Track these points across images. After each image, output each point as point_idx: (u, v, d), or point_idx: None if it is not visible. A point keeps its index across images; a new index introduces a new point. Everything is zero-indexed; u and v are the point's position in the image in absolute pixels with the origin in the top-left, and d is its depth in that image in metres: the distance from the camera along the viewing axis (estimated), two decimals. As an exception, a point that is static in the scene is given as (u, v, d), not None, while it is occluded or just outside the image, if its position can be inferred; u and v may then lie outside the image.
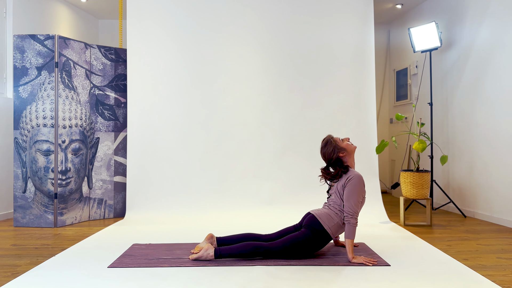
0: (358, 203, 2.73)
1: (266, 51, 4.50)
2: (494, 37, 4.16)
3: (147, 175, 4.34)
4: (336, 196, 2.81)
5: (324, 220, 2.75)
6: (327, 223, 2.75)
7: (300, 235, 2.73)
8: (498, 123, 4.08)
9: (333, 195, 2.85)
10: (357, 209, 2.72)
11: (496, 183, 4.11)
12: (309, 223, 2.77)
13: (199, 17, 4.47)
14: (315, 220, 2.76)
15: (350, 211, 2.70)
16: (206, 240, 2.86)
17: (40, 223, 3.95)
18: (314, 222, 2.75)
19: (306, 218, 2.82)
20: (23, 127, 3.96)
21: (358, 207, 2.72)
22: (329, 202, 2.86)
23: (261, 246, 2.68)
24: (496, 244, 3.23)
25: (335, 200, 2.81)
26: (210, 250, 2.68)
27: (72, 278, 2.39)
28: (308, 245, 2.72)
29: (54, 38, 3.98)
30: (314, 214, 2.79)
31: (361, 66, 4.53)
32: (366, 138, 4.48)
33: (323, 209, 2.84)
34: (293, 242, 2.71)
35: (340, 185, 2.80)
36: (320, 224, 2.74)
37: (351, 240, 2.68)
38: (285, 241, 2.71)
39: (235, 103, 4.46)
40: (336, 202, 2.80)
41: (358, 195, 2.73)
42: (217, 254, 2.66)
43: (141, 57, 4.41)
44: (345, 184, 2.77)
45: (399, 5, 5.69)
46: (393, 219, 4.25)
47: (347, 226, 2.70)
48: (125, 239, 3.32)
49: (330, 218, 2.76)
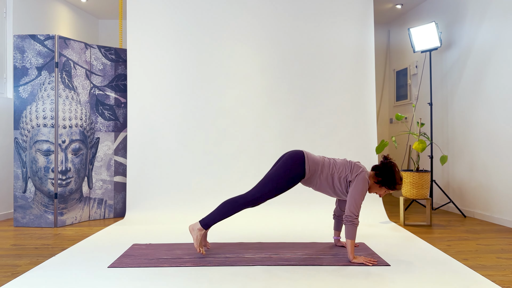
0: (361, 204, 2.72)
1: (266, 51, 4.50)
2: (494, 37, 4.17)
3: (147, 175, 4.34)
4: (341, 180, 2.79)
5: (309, 161, 2.74)
6: (310, 164, 2.74)
7: (273, 172, 2.74)
8: (498, 123, 4.08)
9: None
10: (359, 210, 2.72)
11: (496, 183, 4.11)
12: (289, 156, 2.77)
13: (199, 17, 4.47)
14: (300, 154, 2.76)
15: (355, 211, 2.67)
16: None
17: (40, 223, 3.95)
18: (297, 155, 2.75)
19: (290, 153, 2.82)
20: (23, 127, 3.96)
21: (360, 208, 2.72)
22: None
23: (238, 198, 2.72)
24: (496, 244, 3.23)
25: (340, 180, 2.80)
26: (195, 226, 2.75)
27: (72, 278, 2.39)
28: (281, 177, 2.71)
29: (54, 38, 3.98)
30: (303, 152, 2.78)
31: (361, 66, 4.54)
32: (366, 138, 4.48)
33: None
34: (267, 179, 2.72)
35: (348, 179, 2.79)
36: (304, 161, 2.73)
37: (352, 241, 2.67)
38: (260, 183, 2.73)
39: (235, 103, 4.46)
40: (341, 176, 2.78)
41: (362, 196, 2.71)
42: (203, 224, 2.72)
43: (141, 57, 4.41)
44: (354, 176, 2.74)
45: (399, 5, 5.69)
46: (393, 219, 4.25)
47: (350, 226, 2.67)
48: (125, 239, 3.32)
49: (316, 164, 2.76)
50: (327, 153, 4.38)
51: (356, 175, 2.73)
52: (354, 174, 2.75)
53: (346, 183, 2.77)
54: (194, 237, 2.76)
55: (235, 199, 2.74)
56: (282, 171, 2.73)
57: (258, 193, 2.72)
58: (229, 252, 2.89)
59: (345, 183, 2.77)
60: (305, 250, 2.95)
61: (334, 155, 4.35)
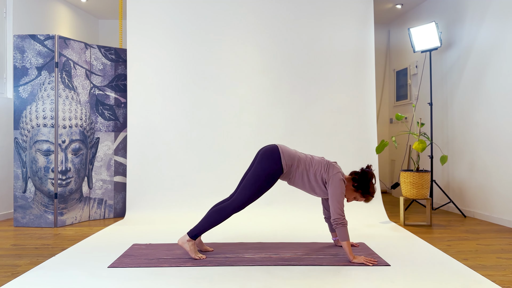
0: (343, 203, 2.70)
1: (266, 51, 4.50)
2: (494, 37, 4.16)
3: (147, 175, 4.34)
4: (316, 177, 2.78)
5: (285, 155, 2.73)
6: (286, 158, 2.72)
7: (252, 173, 2.72)
8: (498, 123, 4.08)
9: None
10: (343, 209, 2.69)
11: (496, 183, 4.11)
12: (264, 152, 2.75)
13: (199, 17, 4.47)
14: (275, 148, 2.74)
15: (340, 212, 2.66)
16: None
17: (40, 223, 3.95)
18: (271, 150, 2.74)
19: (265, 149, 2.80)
20: (23, 127, 3.96)
21: (343, 207, 2.70)
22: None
23: (225, 206, 2.71)
24: (496, 244, 3.23)
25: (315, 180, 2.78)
26: (184, 238, 2.74)
27: (72, 278, 2.39)
28: (260, 177, 2.70)
29: (54, 38, 3.98)
30: (278, 147, 2.76)
31: (361, 66, 4.54)
32: (366, 138, 4.48)
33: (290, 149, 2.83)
34: (249, 183, 2.70)
35: (323, 178, 2.77)
36: (279, 156, 2.71)
37: (347, 242, 2.66)
38: (242, 187, 2.72)
39: (235, 103, 4.46)
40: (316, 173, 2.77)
41: (342, 195, 2.70)
42: (191, 235, 2.71)
43: (141, 57, 4.41)
44: (329, 177, 2.72)
45: (399, 5, 5.69)
46: (393, 219, 4.25)
47: (341, 228, 2.64)
48: (125, 239, 3.32)
49: (292, 158, 2.74)
50: (327, 153, 4.38)
51: (332, 175, 2.71)
52: (330, 173, 2.72)
53: (321, 180, 2.75)
54: (186, 249, 2.74)
55: (221, 207, 2.72)
56: (260, 170, 2.71)
57: (243, 199, 2.70)
58: (229, 252, 2.89)
59: (321, 181, 2.75)
60: (305, 250, 2.95)
61: (334, 155, 4.35)
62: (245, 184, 2.72)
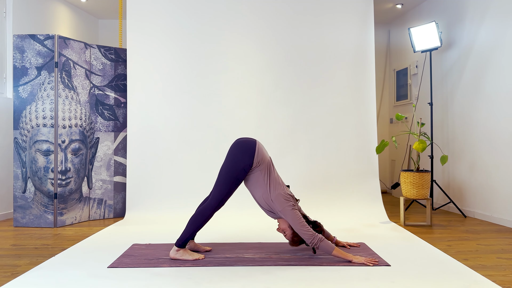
0: (302, 220, 2.64)
1: (266, 51, 4.50)
2: (494, 37, 4.16)
3: (147, 175, 4.34)
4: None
5: (259, 154, 2.70)
6: (259, 157, 2.70)
7: (225, 168, 2.71)
8: (498, 123, 4.08)
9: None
10: (307, 225, 2.63)
11: (496, 183, 4.11)
12: (235, 144, 2.76)
13: (199, 16, 4.47)
14: (253, 145, 2.73)
15: (306, 230, 2.61)
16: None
17: (40, 223, 3.95)
18: (249, 146, 2.73)
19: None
20: (23, 127, 3.96)
21: (305, 223, 2.63)
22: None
23: (204, 208, 2.70)
24: (496, 244, 3.23)
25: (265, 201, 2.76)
26: (173, 250, 2.73)
27: (72, 278, 2.39)
28: (232, 171, 2.68)
29: (54, 38, 3.98)
30: (256, 143, 2.75)
31: (361, 66, 4.53)
32: (366, 138, 4.48)
33: None
34: (223, 179, 2.69)
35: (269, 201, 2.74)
36: (255, 152, 2.69)
37: (335, 249, 2.62)
38: (216, 184, 2.71)
39: (235, 103, 4.46)
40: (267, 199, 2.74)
41: (299, 218, 2.65)
42: (178, 244, 2.71)
43: (141, 57, 4.40)
44: (281, 209, 2.68)
45: (399, 5, 5.69)
46: (393, 219, 4.24)
47: (320, 244, 2.59)
48: (125, 239, 3.32)
49: (263, 159, 2.72)
50: (328, 153, 4.38)
51: (285, 207, 2.66)
52: (283, 205, 2.67)
53: (268, 202, 2.73)
54: (180, 259, 2.71)
55: (201, 210, 2.72)
56: (234, 162, 2.70)
57: (220, 196, 2.70)
58: (229, 252, 2.89)
59: (266, 202, 2.73)
60: (305, 250, 2.94)
61: (334, 155, 4.35)
62: (219, 180, 2.71)
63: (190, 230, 2.71)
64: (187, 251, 2.74)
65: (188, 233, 2.71)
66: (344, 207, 4.23)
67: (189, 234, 2.71)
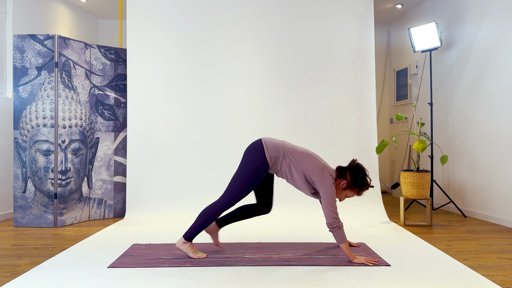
0: (336, 206, 2.65)
1: (266, 51, 4.50)
2: (494, 37, 4.16)
3: (147, 175, 4.34)
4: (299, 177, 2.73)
5: (268, 148, 2.70)
6: (270, 151, 2.70)
7: (237, 170, 2.72)
8: (498, 123, 4.08)
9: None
10: (337, 211, 2.65)
11: (496, 183, 4.11)
12: (248, 148, 2.76)
13: (199, 17, 4.47)
14: (258, 142, 2.74)
15: (334, 216, 2.62)
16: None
17: (40, 223, 3.95)
18: (255, 145, 2.74)
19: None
20: (23, 127, 3.96)
21: (337, 209, 2.65)
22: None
23: (214, 205, 2.71)
24: (496, 244, 3.23)
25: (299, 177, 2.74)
26: (180, 241, 2.76)
27: (72, 278, 2.39)
28: (246, 173, 2.68)
29: (54, 38, 3.98)
30: (262, 140, 2.75)
31: (361, 66, 4.53)
32: (366, 138, 4.48)
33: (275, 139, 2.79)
34: (234, 181, 2.70)
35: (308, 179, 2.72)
36: (263, 149, 2.70)
37: (346, 244, 2.65)
38: (230, 185, 2.72)
39: (235, 103, 4.46)
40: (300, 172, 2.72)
41: (334, 198, 2.66)
42: (186, 237, 2.74)
43: (141, 57, 4.40)
44: (318, 181, 2.67)
45: (399, 5, 5.69)
46: (393, 219, 4.25)
47: (337, 231, 2.61)
48: (125, 239, 3.32)
49: (276, 150, 2.71)
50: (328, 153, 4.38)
51: (321, 179, 2.66)
52: (320, 177, 2.66)
53: (310, 180, 2.71)
54: (184, 251, 2.77)
55: (211, 207, 2.73)
56: (245, 166, 2.70)
57: (231, 196, 2.71)
58: (229, 252, 2.89)
59: (309, 179, 2.71)
60: (305, 250, 2.95)
61: (334, 155, 4.35)
62: (232, 181, 2.73)
63: (197, 226, 2.74)
64: (193, 247, 2.77)
65: (195, 228, 2.74)
66: (344, 207, 4.22)
67: (196, 230, 2.74)
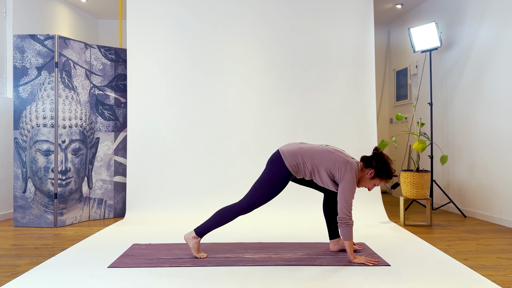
0: (352, 202, 2.66)
1: (266, 51, 4.50)
2: (494, 37, 4.16)
3: (147, 175, 4.34)
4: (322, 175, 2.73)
5: (286, 157, 2.72)
6: (289, 160, 2.71)
7: (260, 177, 2.75)
8: (498, 123, 4.08)
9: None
10: (351, 209, 2.66)
11: (496, 183, 4.11)
12: (270, 159, 2.78)
13: (199, 17, 4.47)
14: (276, 154, 2.76)
15: (347, 212, 2.63)
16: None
17: (40, 223, 3.95)
18: (274, 157, 2.76)
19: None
20: (23, 127, 3.96)
21: (352, 207, 2.66)
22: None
23: (233, 206, 2.74)
24: (496, 244, 3.23)
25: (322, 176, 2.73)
26: (190, 234, 2.77)
27: (72, 278, 2.39)
28: (267, 182, 2.71)
29: (54, 38, 3.98)
30: (279, 150, 2.78)
31: (361, 66, 4.53)
32: (366, 138, 4.48)
33: (292, 146, 2.80)
34: (255, 186, 2.73)
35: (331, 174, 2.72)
36: (282, 159, 2.72)
37: (350, 242, 2.66)
38: (251, 190, 2.75)
39: (235, 103, 4.46)
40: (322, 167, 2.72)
41: (352, 195, 2.66)
42: (197, 232, 2.75)
43: (141, 57, 4.41)
44: (340, 176, 2.66)
45: (399, 5, 5.69)
46: (393, 219, 4.25)
47: (346, 228, 2.62)
48: (125, 239, 3.32)
49: (295, 156, 2.72)
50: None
51: (342, 174, 2.65)
52: (340, 172, 2.66)
53: (333, 177, 2.71)
54: (190, 245, 2.77)
55: (229, 208, 2.75)
56: (266, 176, 2.74)
57: (251, 201, 2.72)
58: (229, 252, 2.89)
59: (331, 176, 2.71)
60: (305, 250, 2.95)
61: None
62: (254, 187, 2.75)
63: (212, 224, 2.75)
64: (199, 245, 2.78)
65: (209, 226, 2.75)
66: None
67: (210, 228, 2.75)
